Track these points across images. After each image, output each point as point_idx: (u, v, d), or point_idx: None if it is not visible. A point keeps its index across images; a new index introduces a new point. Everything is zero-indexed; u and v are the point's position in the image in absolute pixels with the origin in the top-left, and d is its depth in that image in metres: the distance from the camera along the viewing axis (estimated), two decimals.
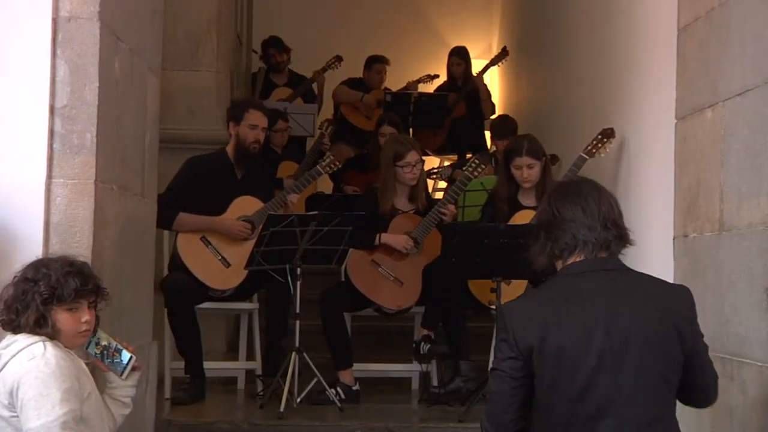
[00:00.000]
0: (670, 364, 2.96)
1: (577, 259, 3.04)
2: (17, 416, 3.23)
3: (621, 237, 3.08)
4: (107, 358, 3.53)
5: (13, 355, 3.26)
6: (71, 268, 3.37)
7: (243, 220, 5.96)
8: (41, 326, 3.31)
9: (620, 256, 3.15)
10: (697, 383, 3.04)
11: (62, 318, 3.34)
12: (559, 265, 3.10)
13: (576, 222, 3.03)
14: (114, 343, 3.54)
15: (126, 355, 3.55)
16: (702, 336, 3.08)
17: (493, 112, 9.38)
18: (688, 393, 3.05)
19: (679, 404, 3.08)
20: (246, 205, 5.99)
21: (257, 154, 6.07)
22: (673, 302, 3.02)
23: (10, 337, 3.35)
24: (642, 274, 3.11)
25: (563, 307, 2.97)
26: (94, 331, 3.50)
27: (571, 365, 2.91)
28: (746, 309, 3.89)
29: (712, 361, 3.13)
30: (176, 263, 5.90)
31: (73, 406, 3.23)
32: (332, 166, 6.46)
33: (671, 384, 2.98)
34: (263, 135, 6.12)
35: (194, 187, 5.94)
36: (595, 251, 3.03)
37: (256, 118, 6.05)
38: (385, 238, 6.07)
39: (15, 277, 3.39)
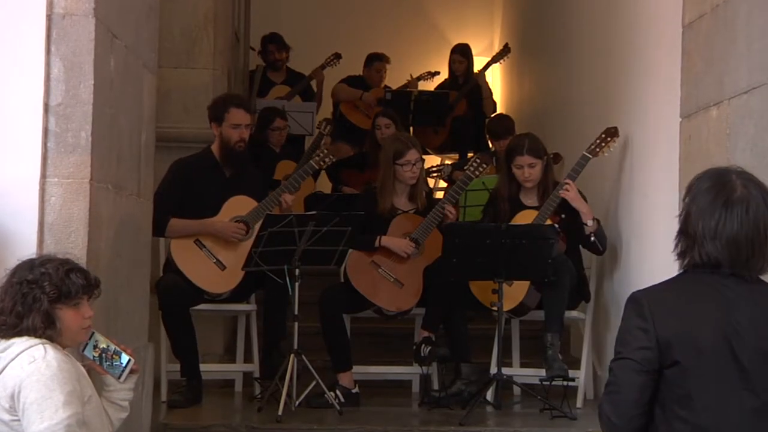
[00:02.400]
0: None
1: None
2: (18, 420, 3.20)
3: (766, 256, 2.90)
4: (106, 361, 3.51)
5: (13, 359, 3.23)
6: (69, 265, 3.35)
7: (237, 221, 5.89)
8: (47, 327, 3.28)
9: (624, 257, 3.07)
10: None
11: (68, 316, 3.32)
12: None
13: (738, 245, 2.81)
14: (112, 346, 3.52)
15: (125, 358, 3.52)
16: None
17: (495, 111, 9.34)
18: None
19: None
20: (239, 205, 5.93)
21: (243, 152, 6.00)
22: None
23: (5, 340, 3.30)
24: None
25: (703, 306, 2.84)
26: (90, 334, 3.47)
27: (704, 372, 2.81)
28: None
29: None
30: (171, 265, 5.84)
31: (76, 409, 3.20)
32: (326, 160, 6.39)
33: None
34: (247, 132, 6.05)
35: (183, 191, 5.87)
36: (743, 270, 2.85)
37: (237, 116, 5.97)
38: (385, 241, 6.02)
39: (5, 281, 3.34)
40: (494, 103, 9.53)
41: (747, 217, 2.82)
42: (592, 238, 5.87)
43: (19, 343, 3.26)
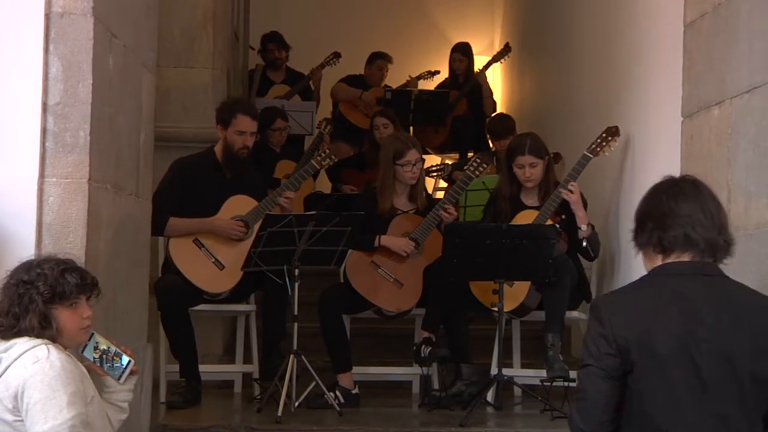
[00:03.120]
0: (761, 384, 2.84)
1: (681, 258, 2.93)
2: (22, 420, 3.19)
3: (728, 246, 2.95)
4: (106, 363, 3.50)
5: (16, 359, 3.22)
6: (65, 265, 3.34)
7: (236, 220, 5.87)
8: (45, 327, 3.28)
9: (625, 257, 3.07)
10: None
11: (65, 316, 3.31)
12: (657, 260, 2.98)
13: (693, 219, 2.91)
14: (113, 348, 3.51)
15: (125, 359, 3.52)
16: None
17: (495, 110, 9.32)
18: None
19: None
20: (239, 205, 5.91)
21: (246, 158, 5.98)
22: None
23: (6, 341, 3.29)
24: (740, 284, 2.99)
25: (662, 309, 2.86)
26: (90, 335, 3.46)
27: (665, 373, 2.82)
28: None
29: None
30: (170, 266, 5.82)
31: (80, 409, 3.20)
32: (328, 160, 6.36)
33: (763, 407, 2.87)
34: (252, 140, 6.03)
35: (184, 190, 5.85)
36: (704, 254, 2.91)
37: (244, 123, 5.94)
38: (385, 240, 6.00)
39: (4, 282, 3.34)
40: (494, 103, 9.51)
41: (696, 193, 2.94)
42: (584, 243, 5.87)
43: (22, 343, 3.25)
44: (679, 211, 2.91)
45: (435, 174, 8.67)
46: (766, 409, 2.88)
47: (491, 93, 9.45)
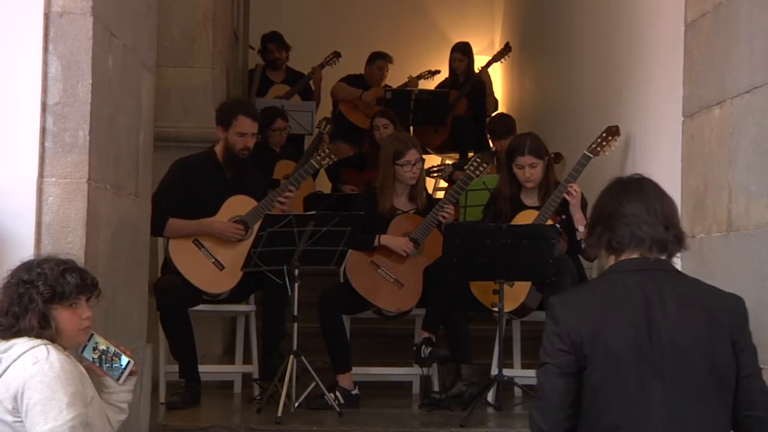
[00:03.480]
0: (720, 378, 2.88)
1: (632, 256, 2.98)
2: (21, 421, 3.19)
3: (679, 240, 3.01)
4: (105, 363, 3.50)
5: (15, 359, 3.22)
6: (66, 265, 3.34)
7: (235, 221, 5.87)
8: (44, 327, 3.27)
9: None
10: (741, 400, 2.93)
11: (64, 316, 3.31)
12: (611, 260, 3.04)
13: (638, 218, 2.97)
14: (112, 348, 3.50)
15: (124, 360, 3.51)
16: (755, 353, 2.99)
17: (496, 109, 9.32)
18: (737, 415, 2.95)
19: None
20: (239, 205, 5.90)
21: (247, 158, 5.98)
22: (726, 313, 2.93)
23: (5, 341, 3.28)
24: (695, 279, 3.05)
25: (614, 306, 2.91)
26: (90, 336, 3.45)
27: (618, 368, 2.85)
28: (756, 312, 3.81)
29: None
30: (170, 266, 5.81)
31: (80, 410, 3.20)
32: (327, 160, 6.36)
33: (723, 400, 2.89)
34: (253, 141, 6.02)
35: (184, 190, 5.85)
36: (652, 250, 2.96)
37: (244, 125, 5.94)
38: (385, 240, 5.99)
39: (4, 281, 3.34)
40: (496, 101, 9.52)
41: (640, 193, 3.00)
42: (583, 245, 5.86)
43: (21, 343, 3.25)
44: (624, 211, 2.98)
45: (435, 174, 8.66)
46: (732, 407, 2.91)
47: (492, 91, 9.45)
